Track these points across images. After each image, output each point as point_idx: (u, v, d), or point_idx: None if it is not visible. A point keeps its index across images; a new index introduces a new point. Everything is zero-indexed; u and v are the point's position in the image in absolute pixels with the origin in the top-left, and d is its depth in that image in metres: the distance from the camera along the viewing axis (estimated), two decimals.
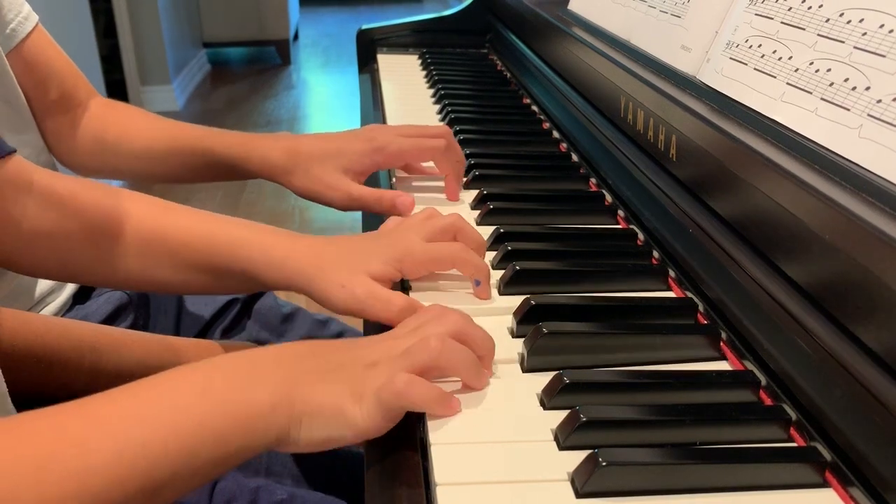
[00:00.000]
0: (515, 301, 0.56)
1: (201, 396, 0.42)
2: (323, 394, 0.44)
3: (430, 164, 0.79)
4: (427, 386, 0.44)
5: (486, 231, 0.67)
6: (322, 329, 0.88)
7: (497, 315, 0.56)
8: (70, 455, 0.37)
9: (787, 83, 0.54)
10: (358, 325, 0.65)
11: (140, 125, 0.83)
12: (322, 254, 0.58)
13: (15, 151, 0.57)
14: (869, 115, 0.46)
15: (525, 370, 0.50)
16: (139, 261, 0.60)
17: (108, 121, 0.84)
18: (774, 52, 0.57)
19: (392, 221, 0.64)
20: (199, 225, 0.61)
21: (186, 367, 0.44)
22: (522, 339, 0.52)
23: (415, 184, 0.80)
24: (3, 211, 0.56)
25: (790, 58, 0.55)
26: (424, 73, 1.22)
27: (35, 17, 0.78)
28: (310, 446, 0.44)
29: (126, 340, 0.66)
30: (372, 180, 0.79)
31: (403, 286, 0.60)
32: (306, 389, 0.44)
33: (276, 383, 0.43)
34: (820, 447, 0.42)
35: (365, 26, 1.37)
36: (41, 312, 0.75)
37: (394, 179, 0.81)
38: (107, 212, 0.60)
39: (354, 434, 0.44)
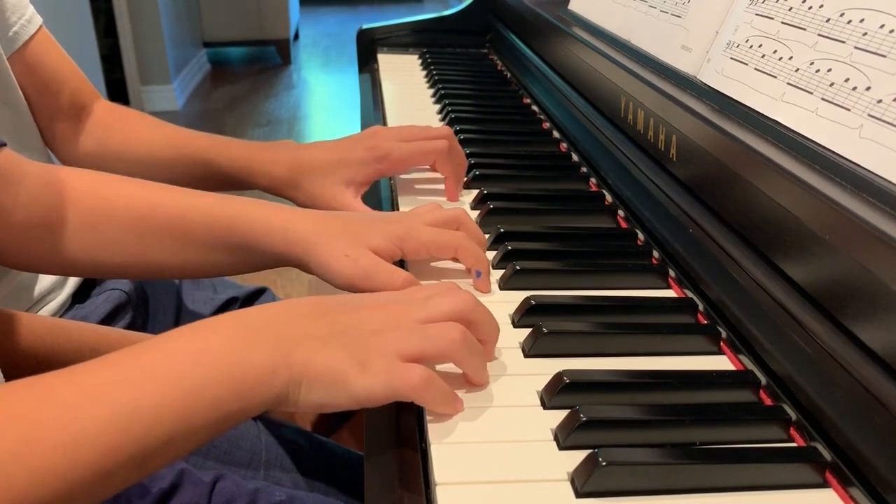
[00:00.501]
0: (515, 300, 0.56)
1: (196, 361, 0.41)
2: (324, 359, 0.43)
3: None
4: (441, 386, 0.44)
5: (487, 231, 0.67)
6: None
7: (497, 314, 0.56)
8: (60, 423, 0.36)
9: (788, 83, 0.54)
10: None
11: (144, 132, 0.83)
12: (324, 224, 0.57)
13: (5, 145, 0.56)
14: (869, 115, 0.46)
15: (525, 369, 0.50)
16: (134, 242, 0.59)
17: (111, 125, 0.83)
18: (775, 52, 0.57)
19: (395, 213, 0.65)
20: (196, 200, 0.60)
21: (183, 329, 0.43)
22: (522, 339, 0.52)
23: (416, 186, 0.80)
24: None
25: (791, 58, 0.55)
26: (425, 72, 1.22)
27: (38, 20, 0.78)
28: (307, 408, 0.43)
29: (125, 341, 0.66)
30: (372, 185, 0.78)
31: None
32: (307, 354, 0.42)
33: (274, 347, 0.42)
34: (820, 447, 0.42)
35: (365, 26, 1.37)
36: (41, 311, 0.75)
37: (394, 180, 0.81)
38: (100, 195, 0.59)
39: (352, 402, 0.43)
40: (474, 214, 0.73)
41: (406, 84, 1.18)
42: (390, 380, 0.43)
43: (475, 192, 0.76)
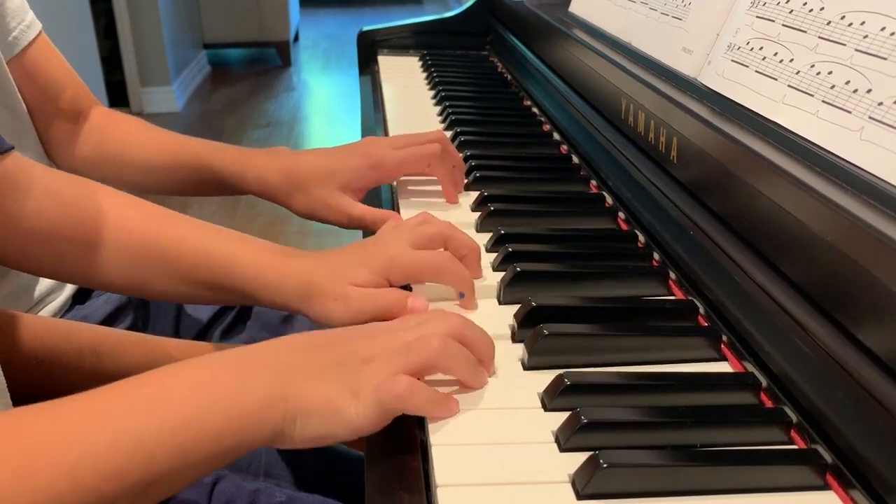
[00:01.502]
0: (516, 302, 0.56)
1: (195, 394, 0.42)
2: (318, 391, 0.43)
3: None
4: (427, 391, 0.44)
5: (487, 232, 0.67)
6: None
7: (498, 316, 0.56)
8: (65, 448, 0.37)
9: (789, 85, 0.54)
10: None
11: (140, 138, 0.83)
12: (313, 273, 0.58)
13: (13, 148, 0.56)
14: (870, 117, 0.46)
15: (526, 371, 0.50)
16: (136, 270, 0.60)
17: (108, 131, 0.83)
18: (776, 54, 0.57)
19: (389, 224, 0.65)
20: (198, 238, 0.60)
21: (183, 363, 0.44)
22: (523, 341, 0.52)
23: (417, 188, 0.80)
24: (0, 208, 0.56)
25: (791, 60, 0.55)
26: (425, 74, 1.22)
27: (38, 26, 0.78)
28: (304, 443, 0.44)
29: (126, 342, 0.66)
30: (373, 190, 0.79)
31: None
32: (301, 387, 0.43)
33: (270, 381, 0.43)
34: (821, 449, 0.42)
35: (366, 28, 1.37)
36: (41, 312, 0.75)
37: (394, 183, 0.81)
38: (107, 219, 0.60)
39: (349, 432, 0.44)
40: (475, 216, 0.73)
41: (407, 86, 1.18)
42: (377, 395, 0.43)
43: (476, 193, 0.76)
